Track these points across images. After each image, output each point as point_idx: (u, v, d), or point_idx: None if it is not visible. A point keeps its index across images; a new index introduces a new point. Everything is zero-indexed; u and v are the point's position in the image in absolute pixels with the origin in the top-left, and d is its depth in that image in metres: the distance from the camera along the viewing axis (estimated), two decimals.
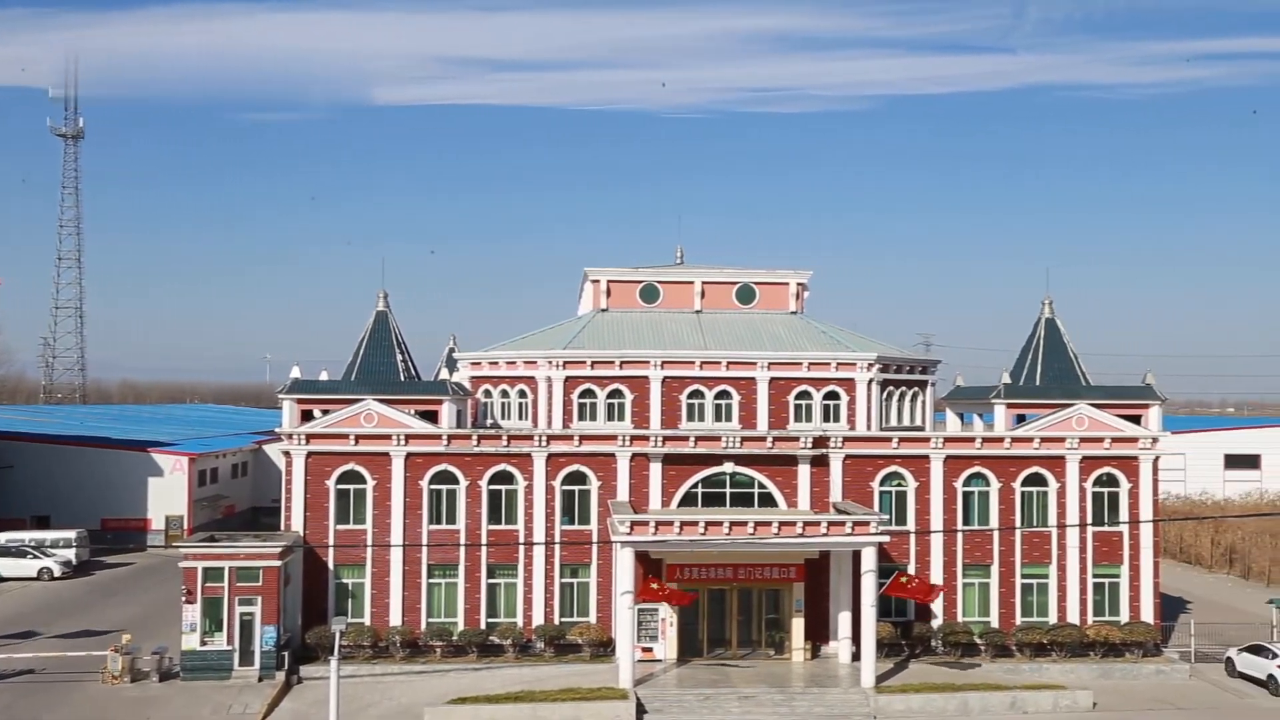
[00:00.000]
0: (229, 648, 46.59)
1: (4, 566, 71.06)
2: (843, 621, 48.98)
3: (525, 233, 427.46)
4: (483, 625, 50.26)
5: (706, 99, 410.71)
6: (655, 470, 50.89)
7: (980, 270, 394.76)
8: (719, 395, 54.74)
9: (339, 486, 50.54)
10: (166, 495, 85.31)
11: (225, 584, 46.65)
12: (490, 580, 50.82)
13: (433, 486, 50.78)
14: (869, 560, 45.90)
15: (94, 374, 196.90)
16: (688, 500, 50.87)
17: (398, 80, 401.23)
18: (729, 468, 51.01)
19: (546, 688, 44.16)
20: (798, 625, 49.75)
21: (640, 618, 48.13)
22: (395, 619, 50.07)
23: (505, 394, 56.34)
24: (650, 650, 49.06)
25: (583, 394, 54.72)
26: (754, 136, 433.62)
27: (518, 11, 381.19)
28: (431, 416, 52.19)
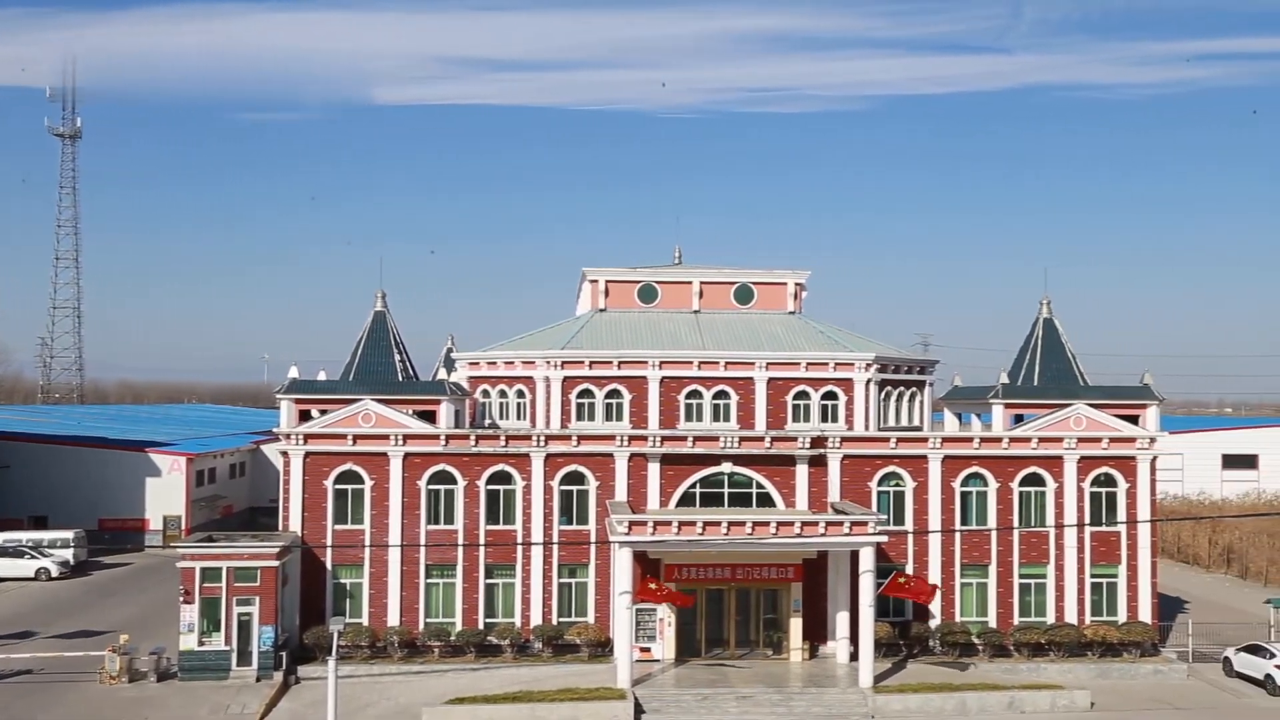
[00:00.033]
0: (227, 648, 46.57)
1: (2, 567, 71.10)
2: (841, 621, 48.99)
3: (525, 233, 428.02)
4: (481, 625, 50.25)
5: (706, 99, 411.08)
6: (653, 470, 50.89)
7: (979, 270, 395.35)
8: (717, 395, 54.73)
9: (337, 486, 50.53)
10: (164, 495, 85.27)
11: (223, 584, 46.65)
12: (488, 580, 50.82)
13: (431, 486, 50.77)
14: (867, 560, 45.93)
15: (92, 374, 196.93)
16: (686, 500, 50.88)
17: (398, 80, 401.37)
18: (727, 468, 51.02)
19: (544, 688, 44.15)
20: (796, 625, 49.76)
21: (638, 618, 48.13)
22: (393, 619, 50.06)
23: (503, 394, 56.32)
24: (648, 650, 49.05)
25: (581, 394, 54.71)
26: (753, 136, 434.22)
27: (518, 11, 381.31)
28: (429, 416, 52.17)
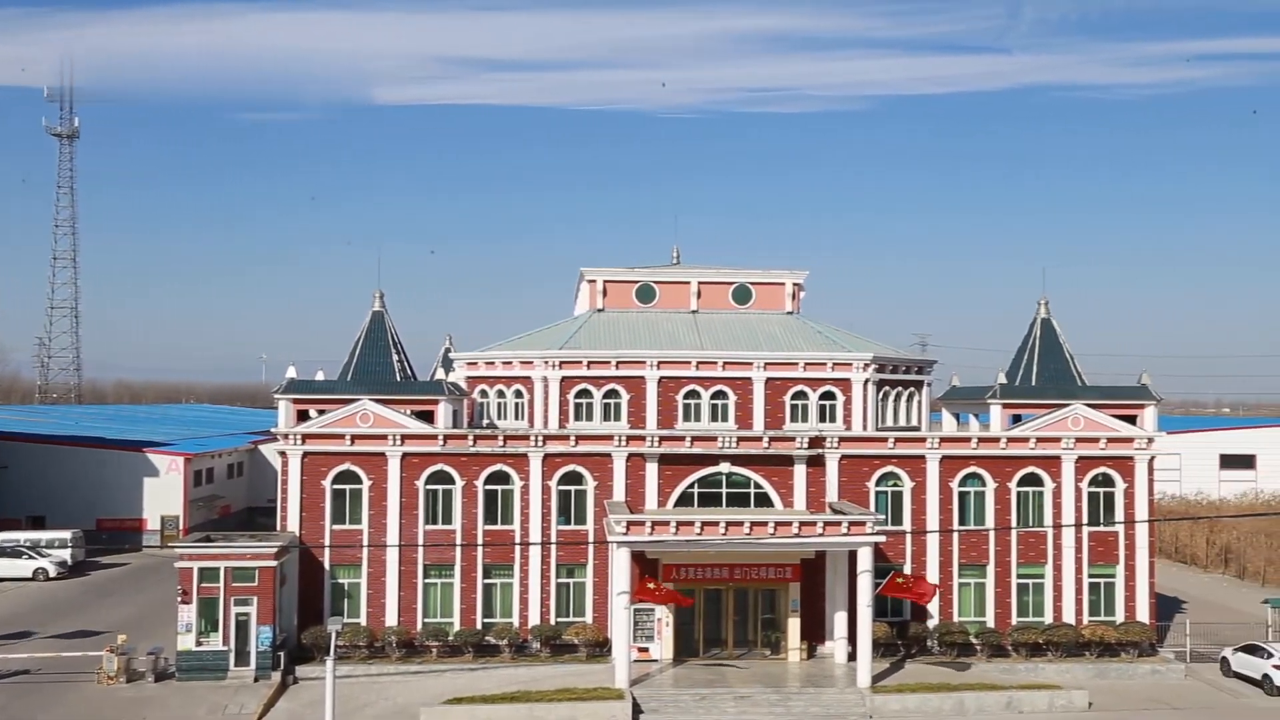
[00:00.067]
0: (225, 648, 46.55)
1: None
2: (839, 621, 49.00)
3: (524, 233, 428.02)
4: (479, 625, 50.24)
5: (705, 99, 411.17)
6: (651, 470, 50.89)
7: (977, 270, 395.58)
8: (715, 395, 54.71)
9: (335, 486, 50.52)
10: (162, 495, 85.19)
11: (221, 584, 46.62)
12: (486, 580, 50.80)
13: (429, 486, 50.76)
14: (865, 560, 45.95)
15: (89, 374, 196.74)
16: (684, 500, 50.88)
17: (397, 80, 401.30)
18: (725, 468, 51.02)
19: (542, 688, 44.15)
20: (794, 625, 49.77)
21: (636, 618, 48.12)
22: (391, 619, 50.04)
23: (501, 394, 56.30)
24: (646, 650, 49.04)
25: (579, 394, 54.69)
26: (753, 136, 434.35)
27: (518, 11, 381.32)
28: (428, 417, 52.14)
